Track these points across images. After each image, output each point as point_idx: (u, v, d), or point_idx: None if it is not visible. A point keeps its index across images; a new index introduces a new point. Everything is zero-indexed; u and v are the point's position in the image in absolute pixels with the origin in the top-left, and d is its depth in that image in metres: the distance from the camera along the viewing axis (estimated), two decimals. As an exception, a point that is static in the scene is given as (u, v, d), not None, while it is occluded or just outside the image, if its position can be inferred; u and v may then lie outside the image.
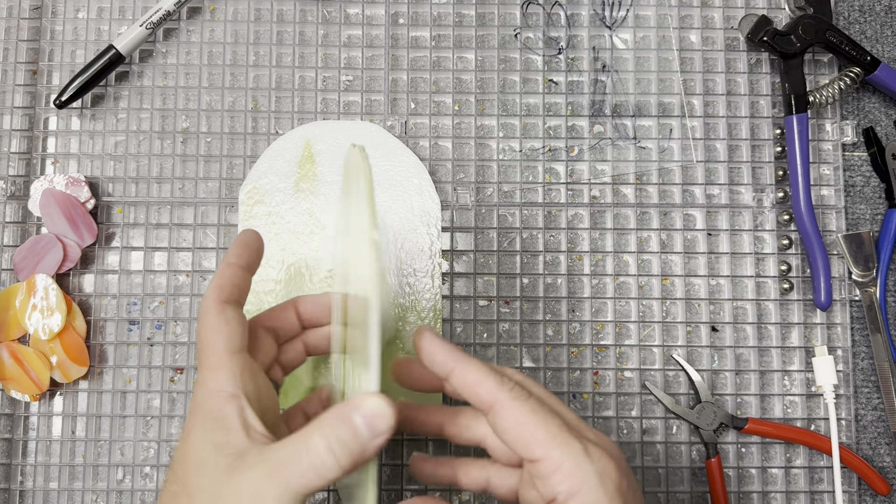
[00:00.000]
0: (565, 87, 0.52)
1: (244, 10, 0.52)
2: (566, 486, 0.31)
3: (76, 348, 0.48)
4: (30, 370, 0.48)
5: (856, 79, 0.51)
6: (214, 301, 0.36)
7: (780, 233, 0.52)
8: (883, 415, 0.51)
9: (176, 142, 0.51)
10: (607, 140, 0.52)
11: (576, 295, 0.51)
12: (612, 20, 0.53)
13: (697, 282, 0.51)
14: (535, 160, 0.52)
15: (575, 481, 0.31)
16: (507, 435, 0.33)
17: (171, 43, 0.52)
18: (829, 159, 0.52)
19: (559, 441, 0.32)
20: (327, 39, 0.53)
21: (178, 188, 0.51)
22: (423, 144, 0.52)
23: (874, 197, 0.53)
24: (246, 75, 0.52)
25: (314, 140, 0.50)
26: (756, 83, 0.53)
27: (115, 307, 0.50)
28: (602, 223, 0.51)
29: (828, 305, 0.50)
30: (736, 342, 0.51)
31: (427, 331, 0.35)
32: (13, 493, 0.49)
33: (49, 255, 0.49)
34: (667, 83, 0.53)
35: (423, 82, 0.52)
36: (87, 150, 0.51)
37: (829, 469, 0.50)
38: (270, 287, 0.49)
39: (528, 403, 0.33)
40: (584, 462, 0.31)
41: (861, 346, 0.52)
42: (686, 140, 0.52)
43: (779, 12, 0.53)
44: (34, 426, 0.49)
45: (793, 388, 0.51)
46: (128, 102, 0.52)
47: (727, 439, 0.50)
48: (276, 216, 0.50)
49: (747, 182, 0.52)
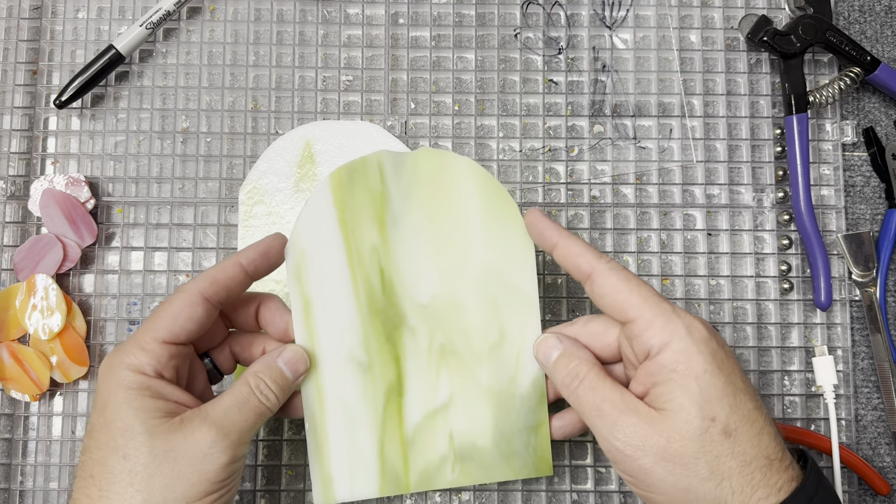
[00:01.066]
0: (565, 87, 0.52)
1: (244, 10, 0.52)
2: (658, 340, 0.35)
3: (76, 348, 0.48)
4: (30, 370, 0.48)
5: (856, 79, 0.51)
6: (196, 291, 0.37)
7: (780, 233, 0.52)
8: (883, 415, 0.51)
9: (176, 142, 0.51)
10: (607, 140, 0.52)
11: (576, 295, 0.51)
12: (612, 20, 0.53)
13: (697, 282, 0.51)
14: (535, 160, 0.52)
15: (665, 335, 0.35)
16: (604, 300, 0.37)
17: (171, 43, 0.52)
18: (829, 159, 0.52)
19: (650, 303, 0.35)
20: (327, 39, 0.53)
21: (178, 188, 0.51)
22: (423, 144, 0.52)
23: (874, 197, 0.53)
24: (246, 75, 0.52)
25: (314, 140, 0.50)
26: (756, 83, 0.53)
27: (115, 307, 0.50)
28: (602, 223, 0.51)
29: (828, 305, 0.50)
30: (736, 342, 0.51)
31: (536, 210, 0.40)
32: (13, 493, 0.49)
33: (49, 255, 0.49)
34: (667, 83, 0.53)
35: (423, 82, 0.52)
36: (87, 150, 0.51)
37: (829, 469, 0.50)
38: (270, 287, 0.49)
39: (622, 272, 0.37)
40: (672, 318, 0.35)
41: (861, 346, 0.52)
42: (686, 140, 0.52)
43: (779, 12, 0.53)
44: (34, 426, 0.49)
45: (793, 388, 0.51)
46: (128, 102, 0.52)
47: (727, 439, 0.50)
48: (276, 216, 0.50)
49: (747, 182, 0.52)
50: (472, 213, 0.41)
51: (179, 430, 0.35)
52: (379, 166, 0.41)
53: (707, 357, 0.34)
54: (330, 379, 0.41)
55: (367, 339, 0.41)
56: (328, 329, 0.41)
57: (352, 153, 0.50)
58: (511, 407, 0.41)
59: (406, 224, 0.41)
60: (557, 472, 0.49)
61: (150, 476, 0.34)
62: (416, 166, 0.41)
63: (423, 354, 0.41)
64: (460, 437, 0.41)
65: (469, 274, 0.41)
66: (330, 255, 0.41)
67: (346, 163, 0.41)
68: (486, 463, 0.41)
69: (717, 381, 0.34)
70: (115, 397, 0.35)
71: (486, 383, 0.41)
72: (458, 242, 0.41)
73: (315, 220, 0.41)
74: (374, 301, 0.41)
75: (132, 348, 0.36)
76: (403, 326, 0.41)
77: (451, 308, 0.41)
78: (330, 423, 0.41)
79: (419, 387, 0.41)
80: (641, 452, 0.34)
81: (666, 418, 0.34)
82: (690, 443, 0.33)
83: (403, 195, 0.41)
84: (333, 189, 0.41)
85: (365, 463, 0.41)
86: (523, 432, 0.41)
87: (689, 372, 0.34)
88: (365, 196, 0.41)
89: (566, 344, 0.39)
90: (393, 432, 0.41)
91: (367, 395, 0.41)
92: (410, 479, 0.41)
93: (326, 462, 0.41)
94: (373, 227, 0.41)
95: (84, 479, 0.35)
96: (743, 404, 0.34)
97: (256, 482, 0.49)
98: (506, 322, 0.41)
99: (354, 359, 0.41)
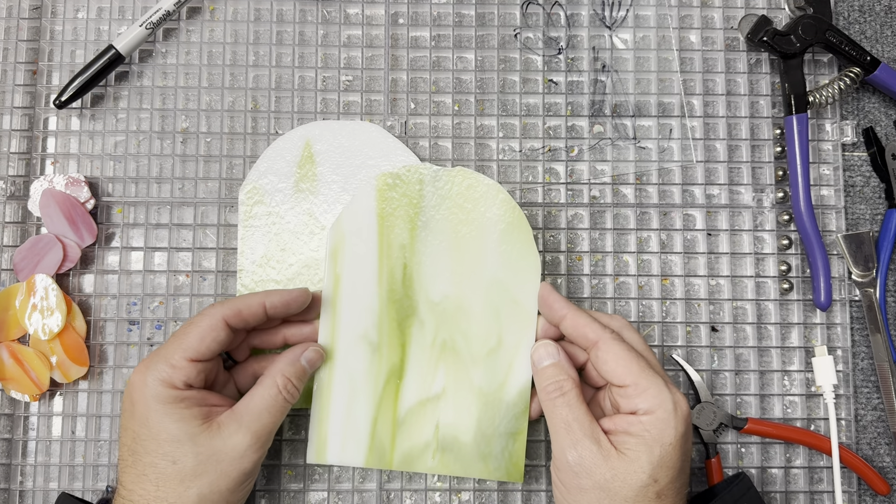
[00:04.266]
0: (565, 87, 0.52)
1: (244, 10, 0.52)
2: (647, 405, 0.39)
3: (76, 348, 0.48)
4: (30, 370, 0.48)
5: (856, 79, 0.51)
6: (221, 318, 0.42)
7: (779, 233, 0.52)
8: (883, 415, 0.51)
9: (176, 142, 0.51)
10: (607, 140, 0.52)
11: (575, 295, 0.51)
12: (612, 20, 0.53)
13: (697, 282, 0.51)
14: (535, 160, 0.52)
15: (655, 402, 0.39)
16: (606, 366, 0.41)
17: (171, 43, 0.52)
18: (828, 159, 0.52)
19: (646, 374, 0.40)
20: (327, 39, 0.53)
21: (177, 188, 0.51)
22: (422, 144, 0.52)
23: (874, 197, 0.53)
24: (246, 75, 0.52)
25: (314, 140, 0.50)
26: (756, 83, 0.53)
27: (115, 307, 0.50)
28: (602, 223, 0.51)
29: (828, 305, 0.50)
30: (736, 342, 0.51)
31: (548, 284, 0.44)
32: (13, 493, 0.49)
33: (49, 255, 0.49)
34: (667, 83, 0.53)
35: (423, 82, 0.52)
36: (87, 150, 0.51)
37: (829, 469, 0.50)
38: (271, 287, 0.49)
39: (624, 344, 0.41)
40: (664, 390, 0.40)
41: (861, 346, 0.52)
42: (686, 140, 0.52)
43: (779, 12, 0.53)
44: (34, 426, 0.49)
45: (792, 388, 0.51)
46: (127, 102, 0.52)
47: (727, 439, 0.50)
48: (275, 216, 0.50)
49: (747, 182, 0.52)
50: (492, 230, 0.46)
51: (219, 436, 0.40)
52: (420, 177, 0.46)
53: (679, 433, 0.39)
54: (343, 351, 0.45)
55: (381, 322, 0.46)
56: (350, 307, 0.45)
57: (352, 153, 0.50)
58: (496, 411, 0.45)
59: (433, 230, 0.46)
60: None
61: (198, 475, 0.40)
62: (452, 183, 0.46)
63: (427, 346, 0.46)
64: (445, 429, 0.45)
65: (480, 283, 0.46)
66: (364, 244, 0.46)
67: (394, 169, 0.46)
68: (464, 458, 0.45)
69: (675, 455, 0.39)
70: (155, 412, 0.40)
71: (478, 384, 0.45)
72: (475, 254, 0.46)
73: (358, 211, 0.46)
74: (393, 291, 0.46)
75: (163, 365, 0.41)
76: (414, 318, 0.46)
77: (459, 310, 0.46)
78: (335, 390, 0.45)
79: (418, 374, 0.45)
80: (587, 474, 0.39)
81: (621, 460, 0.39)
82: (630, 490, 0.38)
83: (436, 205, 0.46)
84: (378, 188, 0.46)
85: (358, 434, 0.45)
86: (503, 437, 0.45)
87: (659, 438, 0.39)
88: (403, 200, 0.46)
89: (561, 357, 0.43)
90: (387, 411, 0.45)
91: (371, 371, 0.45)
92: (394, 458, 0.45)
93: (324, 426, 0.45)
94: (405, 228, 0.46)
95: (138, 476, 0.40)
96: (679, 480, 0.40)
97: (256, 482, 0.49)
98: (505, 331, 0.45)
99: (367, 338, 0.46)
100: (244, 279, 0.49)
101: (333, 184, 0.50)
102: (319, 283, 0.49)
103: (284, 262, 0.49)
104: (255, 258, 0.49)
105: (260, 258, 0.49)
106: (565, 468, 0.40)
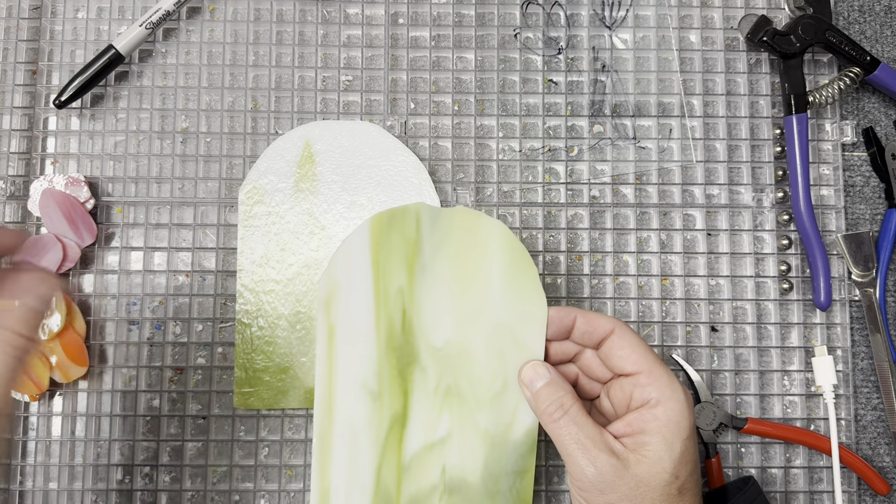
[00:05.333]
0: (565, 87, 0.52)
1: (244, 10, 0.52)
2: (658, 394, 0.39)
3: (76, 348, 0.48)
4: (29, 370, 0.48)
5: (855, 79, 0.51)
6: None
7: (779, 233, 0.52)
8: (882, 415, 0.51)
9: (175, 142, 0.51)
10: (607, 140, 0.52)
11: (575, 295, 0.51)
12: (612, 20, 0.53)
13: (697, 282, 0.51)
14: (535, 160, 0.52)
15: (667, 392, 0.39)
16: (622, 351, 0.41)
17: (171, 43, 0.52)
18: (828, 159, 0.52)
19: (658, 364, 0.40)
20: (327, 39, 0.53)
21: (177, 188, 0.51)
22: (422, 144, 0.52)
23: (874, 197, 0.53)
24: (245, 75, 0.52)
25: (314, 140, 0.50)
26: (756, 83, 0.53)
27: (115, 307, 0.50)
28: (602, 223, 0.51)
29: (827, 305, 0.50)
30: (735, 342, 0.51)
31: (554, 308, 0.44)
32: (13, 493, 0.49)
33: (49, 255, 0.49)
34: (666, 83, 0.53)
35: (423, 82, 0.52)
36: (87, 150, 0.51)
37: (829, 469, 0.50)
38: (270, 287, 0.49)
39: (637, 334, 0.42)
40: (674, 382, 0.40)
41: (861, 346, 0.52)
42: (686, 140, 0.52)
43: (779, 12, 0.53)
44: (34, 426, 0.49)
45: (792, 388, 0.51)
46: (127, 102, 0.52)
47: (726, 439, 0.50)
48: (275, 216, 0.50)
49: (747, 182, 0.52)
50: (495, 272, 0.44)
51: None
52: (417, 217, 0.44)
53: (691, 425, 0.39)
54: (342, 401, 0.43)
55: (380, 371, 0.43)
56: (346, 356, 0.43)
57: (351, 153, 0.50)
58: (503, 451, 0.44)
59: (433, 273, 0.43)
60: (558, 472, 0.50)
61: None
62: (451, 222, 0.44)
63: (430, 393, 0.44)
64: (452, 471, 0.44)
65: (483, 326, 0.44)
66: (359, 291, 0.43)
67: (388, 209, 0.44)
68: (472, 498, 0.44)
69: (691, 447, 0.39)
70: None
71: (484, 427, 0.44)
72: (478, 297, 0.44)
73: (350, 256, 0.43)
74: (392, 338, 0.43)
75: None
76: (416, 365, 0.44)
77: (462, 355, 0.44)
78: (336, 440, 0.43)
79: (421, 421, 0.44)
80: (611, 489, 0.38)
81: (641, 465, 0.38)
82: (654, 491, 0.38)
83: (435, 247, 0.44)
84: (372, 231, 0.43)
85: (362, 481, 0.43)
86: (510, 475, 0.44)
87: (677, 433, 0.39)
88: (400, 241, 0.43)
89: (553, 375, 0.42)
90: (391, 458, 0.44)
91: (373, 421, 0.43)
92: (401, 503, 0.44)
93: (327, 477, 0.43)
94: (402, 271, 0.43)
95: None
96: (696, 473, 0.40)
97: (256, 482, 0.49)
98: (510, 374, 0.43)
99: (366, 387, 0.43)
100: (244, 279, 0.49)
101: (333, 184, 0.50)
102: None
103: (284, 261, 0.49)
104: (254, 258, 0.49)
105: (260, 258, 0.49)
106: (589, 487, 0.39)
